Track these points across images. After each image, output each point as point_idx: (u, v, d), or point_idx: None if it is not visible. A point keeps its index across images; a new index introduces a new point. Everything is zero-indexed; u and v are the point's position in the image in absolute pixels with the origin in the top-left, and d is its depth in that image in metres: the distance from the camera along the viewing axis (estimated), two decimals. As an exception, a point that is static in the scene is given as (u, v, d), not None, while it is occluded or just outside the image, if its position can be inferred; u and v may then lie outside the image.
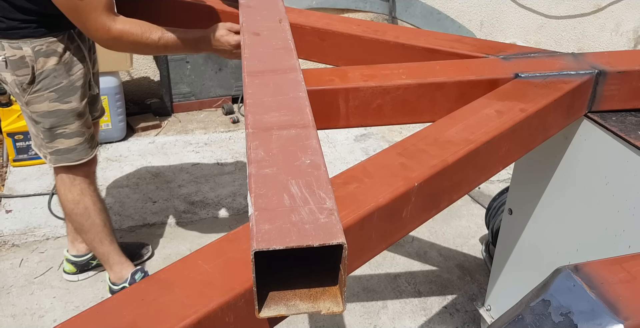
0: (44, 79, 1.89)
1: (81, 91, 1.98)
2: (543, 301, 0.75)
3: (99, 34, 1.62)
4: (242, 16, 1.39)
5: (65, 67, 1.91)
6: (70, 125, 1.98)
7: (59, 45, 1.88)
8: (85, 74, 1.99)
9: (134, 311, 0.71)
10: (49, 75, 1.89)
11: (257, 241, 0.66)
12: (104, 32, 1.60)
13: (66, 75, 1.92)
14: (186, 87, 3.91)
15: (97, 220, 2.19)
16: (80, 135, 2.02)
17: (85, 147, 2.06)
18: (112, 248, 2.29)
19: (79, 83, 1.97)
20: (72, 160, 2.05)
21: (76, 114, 1.98)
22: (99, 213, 2.18)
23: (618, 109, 1.42)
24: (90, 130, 2.09)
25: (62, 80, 1.91)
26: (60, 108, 1.95)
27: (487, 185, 3.16)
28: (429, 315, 2.31)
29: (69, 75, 1.93)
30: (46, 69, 1.88)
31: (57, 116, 1.95)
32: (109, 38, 1.62)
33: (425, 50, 1.53)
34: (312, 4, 4.01)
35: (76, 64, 1.95)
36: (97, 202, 2.18)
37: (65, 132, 1.99)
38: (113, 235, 2.29)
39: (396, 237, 1.00)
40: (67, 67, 1.92)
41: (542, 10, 4.55)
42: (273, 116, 0.94)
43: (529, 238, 1.73)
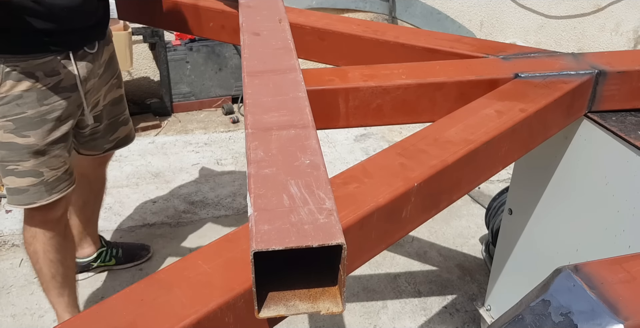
0: (3, 105, 1.56)
1: (50, 125, 1.63)
2: (543, 301, 0.75)
3: None
4: (242, 16, 1.39)
5: (39, 95, 1.58)
6: (23, 163, 1.64)
7: (40, 68, 1.56)
8: (67, 106, 1.66)
9: (133, 311, 0.71)
10: (11, 102, 1.57)
11: (256, 241, 0.66)
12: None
13: (35, 104, 1.58)
14: (186, 87, 3.91)
15: (45, 270, 1.89)
16: (36, 175, 1.67)
17: (41, 190, 1.70)
18: (59, 302, 1.98)
19: (51, 115, 1.62)
20: (22, 203, 1.71)
21: (33, 152, 1.64)
22: (49, 264, 1.88)
23: (618, 109, 1.41)
24: (55, 173, 1.71)
25: (26, 109, 1.58)
26: (14, 141, 1.61)
27: (487, 185, 3.16)
28: (429, 315, 2.31)
29: (40, 105, 1.59)
30: (10, 95, 1.56)
31: (9, 150, 1.62)
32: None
33: (425, 50, 1.53)
34: (312, 4, 4.01)
35: (57, 93, 1.61)
36: (50, 252, 1.86)
37: (17, 170, 1.65)
38: (65, 289, 1.97)
39: (396, 237, 1.00)
40: (41, 95, 1.58)
41: (542, 10, 4.55)
42: (273, 116, 0.93)
43: (529, 238, 1.73)
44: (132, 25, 3.49)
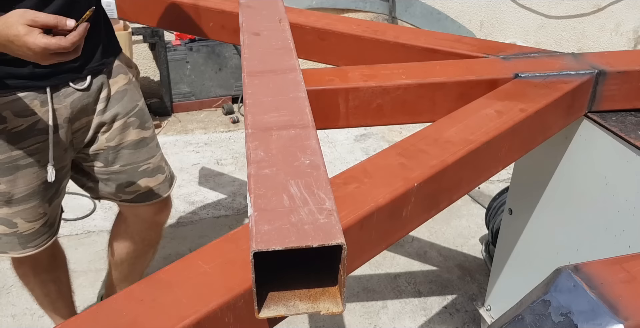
0: None
1: (25, 172, 1.40)
2: (543, 301, 0.75)
3: None
4: (242, 16, 1.39)
5: (9, 138, 1.34)
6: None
7: (8, 108, 1.32)
8: (43, 150, 1.40)
9: (133, 311, 0.71)
10: None
11: (256, 242, 0.66)
12: None
13: (5, 148, 1.36)
14: (186, 87, 3.91)
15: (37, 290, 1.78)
16: (8, 225, 1.46)
17: (14, 241, 1.48)
18: (55, 316, 1.92)
19: (26, 161, 1.38)
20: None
21: (4, 201, 1.42)
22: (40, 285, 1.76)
23: (618, 109, 1.41)
24: (32, 225, 1.49)
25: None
26: None
27: (487, 185, 3.16)
28: (429, 315, 2.31)
29: (12, 149, 1.36)
30: None
31: None
32: None
33: (425, 50, 1.53)
34: (312, 4, 4.01)
35: (32, 135, 1.37)
36: (42, 273, 1.73)
37: None
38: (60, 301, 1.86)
39: (396, 237, 1.00)
40: (11, 138, 1.35)
41: (542, 10, 4.55)
42: (273, 116, 0.93)
43: (529, 238, 1.73)
44: (132, 25, 3.49)
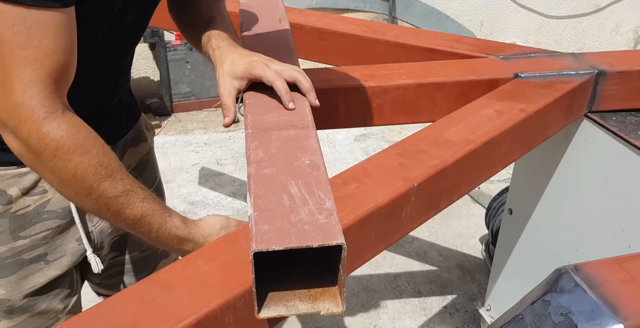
0: None
1: (30, 269, 1.09)
2: (543, 301, 0.75)
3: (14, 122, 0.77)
4: (242, 16, 1.39)
5: (13, 223, 1.04)
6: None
7: (15, 184, 1.02)
8: (58, 240, 1.10)
9: (133, 311, 0.71)
10: None
11: (256, 242, 0.66)
12: (27, 118, 0.76)
13: (7, 237, 1.05)
14: (186, 87, 3.91)
15: None
16: None
17: None
18: None
19: (30, 254, 1.07)
20: None
21: (3, 310, 1.10)
22: None
23: (618, 109, 1.41)
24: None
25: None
26: None
27: (487, 185, 3.16)
28: (429, 315, 2.31)
29: (15, 237, 1.05)
30: None
31: None
32: (31, 139, 0.77)
33: (425, 50, 1.53)
34: (312, 4, 4.01)
35: (41, 219, 1.07)
36: None
37: None
38: None
39: (396, 237, 1.00)
40: (15, 223, 1.04)
41: (542, 10, 4.55)
42: (272, 116, 0.93)
43: (529, 238, 1.73)
44: (132, 25, 3.49)
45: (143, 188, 0.86)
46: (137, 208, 0.84)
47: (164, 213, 0.88)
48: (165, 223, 0.87)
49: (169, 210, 0.89)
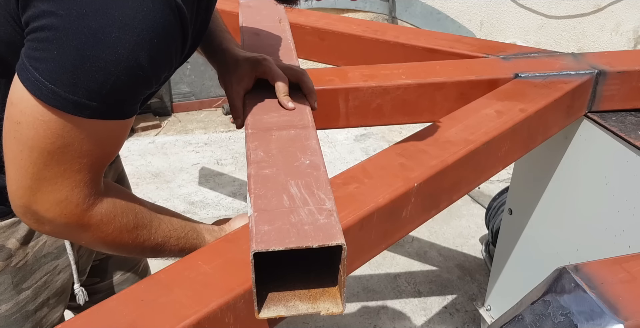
0: None
1: (37, 320, 1.06)
2: (543, 301, 0.75)
3: (54, 214, 0.77)
4: (242, 16, 1.39)
5: (15, 276, 1.00)
6: None
7: (13, 235, 0.97)
8: (57, 281, 1.07)
9: (133, 311, 0.71)
10: None
11: (256, 242, 0.66)
12: (68, 212, 0.77)
13: (11, 292, 1.00)
14: (186, 87, 3.91)
15: None
16: None
17: None
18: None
19: (35, 303, 1.04)
20: None
21: None
22: None
23: (618, 109, 1.41)
24: None
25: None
26: None
27: (487, 185, 3.16)
28: (429, 315, 2.31)
29: (18, 291, 1.01)
30: None
31: None
32: (70, 223, 0.79)
33: (425, 50, 1.53)
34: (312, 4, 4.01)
35: (41, 265, 1.03)
36: None
37: None
38: None
39: (396, 237, 1.00)
40: (18, 276, 1.00)
41: (542, 10, 4.54)
42: (272, 116, 0.93)
43: (529, 238, 1.73)
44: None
45: (175, 228, 0.90)
46: (175, 247, 0.90)
47: (198, 242, 0.92)
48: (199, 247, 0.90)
49: (202, 237, 0.93)
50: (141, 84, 0.74)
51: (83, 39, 0.66)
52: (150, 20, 0.69)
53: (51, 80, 0.67)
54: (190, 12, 0.77)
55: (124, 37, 0.67)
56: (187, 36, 0.77)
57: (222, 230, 0.96)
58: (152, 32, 0.69)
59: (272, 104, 0.97)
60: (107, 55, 0.67)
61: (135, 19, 0.67)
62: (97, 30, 0.66)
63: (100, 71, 0.68)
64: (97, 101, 0.70)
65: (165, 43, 0.72)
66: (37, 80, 0.67)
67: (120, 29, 0.67)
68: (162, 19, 0.70)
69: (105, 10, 0.66)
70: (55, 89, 0.68)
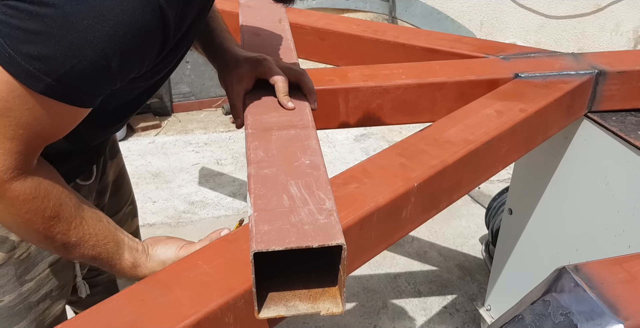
0: None
1: (40, 311, 1.07)
2: (543, 301, 0.75)
3: None
4: (242, 16, 1.39)
5: (18, 268, 1.01)
6: None
7: None
8: (59, 273, 1.08)
9: (134, 311, 0.71)
10: None
11: (256, 242, 0.66)
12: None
13: (14, 284, 1.02)
14: (186, 87, 3.91)
15: None
16: None
17: None
18: None
19: (38, 295, 1.05)
20: None
21: None
22: None
23: (618, 109, 1.41)
24: None
25: (1, 297, 1.02)
26: None
27: (487, 185, 3.16)
28: (429, 315, 2.31)
29: (22, 282, 1.03)
30: None
31: None
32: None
33: (425, 50, 1.53)
34: (312, 4, 4.01)
35: (43, 257, 1.04)
36: None
37: None
38: None
39: (396, 237, 1.00)
40: (21, 267, 1.02)
41: (542, 10, 4.54)
42: (272, 116, 0.93)
43: (529, 238, 1.73)
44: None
45: (96, 233, 0.86)
46: (88, 253, 0.86)
47: (115, 257, 0.88)
48: (115, 265, 0.89)
49: (121, 253, 0.89)
50: (103, 77, 0.72)
51: (54, 18, 0.66)
52: (128, 16, 0.68)
53: (11, 45, 0.67)
54: (176, 16, 0.76)
55: (96, 26, 0.67)
56: (167, 41, 0.76)
57: (144, 252, 0.91)
58: (128, 28, 0.69)
59: (272, 104, 0.97)
60: (74, 38, 0.67)
61: (113, 11, 0.67)
62: (70, 14, 0.66)
63: (64, 51, 0.67)
64: (52, 78, 0.69)
65: (140, 41, 0.71)
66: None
67: (95, 18, 0.66)
68: (140, 17, 0.69)
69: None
70: (12, 54, 0.67)
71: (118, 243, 0.89)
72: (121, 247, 0.89)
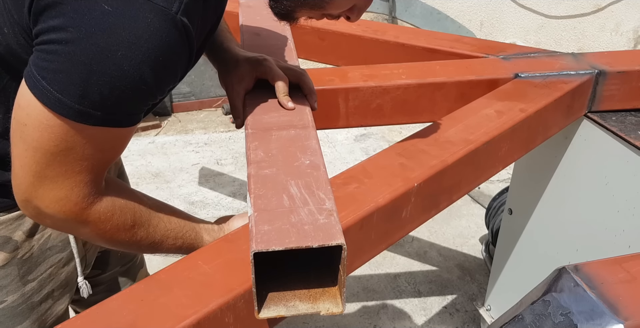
0: None
1: (42, 311, 1.07)
2: (543, 301, 0.75)
3: (53, 210, 0.80)
4: (242, 16, 1.39)
5: (21, 268, 1.02)
6: None
7: (19, 227, 0.99)
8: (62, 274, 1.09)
9: (133, 311, 0.71)
10: None
11: (256, 242, 0.66)
12: (67, 210, 0.80)
13: (17, 284, 1.02)
14: (186, 87, 3.91)
15: None
16: None
17: None
18: None
19: (40, 295, 1.06)
20: None
21: None
22: None
23: (618, 109, 1.41)
24: None
25: (4, 296, 1.01)
26: None
27: (487, 185, 3.16)
28: (429, 315, 2.31)
29: (24, 282, 1.03)
30: None
31: None
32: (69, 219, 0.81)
33: (425, 50, 1.53)
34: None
35: (46, 257, 1.05)
36: None
37: None
38: None
39: (396, 237, 1.00)
40: (24, 268, 1.02)
41: (542, 10, 4.54)
42: (272, 116, 0.93)
43: (529, 238, 1.73)
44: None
45: (173, 228, 0.91)
46: (173, 245, 0.92)
47: (196, 242, 0.93)
48: (198, 248, 0.91)
49: (200, 237, 0.94)
50: (145, 97, 0.78)
51: (91, 55, 0.69)
52: (157, 40, 0.72)
53: (58, 90, 0.71)
54: (196, 28, 0.79)
55: (129, 55, 0.70)
56: (192, 52, 0.80)
57: (221, 230, 0.97)
58: (158, 51, 0.72)
59: (272, 104, 0.97)
60: (113, 71, 0.70)
61: (142, 38, 0.70)
62: (105, 48, 0.69)
63: (106, 85, 0.71)
64: (101, 111, 0.73)
65: (171, 60, 0.75)
66: (44, 88, 0.71)
67: (127, 48, 0.70)
68: (167, 38, 0.72)
69: (113, 30, 0.69)
70: (61, 98, 0.71)
71: (195, 230, 0.93)
72: (199, 232, 0.94)
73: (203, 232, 0.95)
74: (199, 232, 0.94)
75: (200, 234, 0.94)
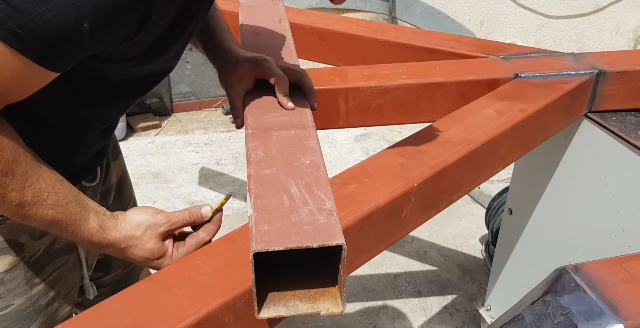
0: None
1: (48, 314, 1.06)
2: (543, 301, 0.75)
3: None
4: (242, 16, 1.39)
5: (28, 271, 1.00)
6: None
7: (25, 230, 0.97)
8: (67, 276, 1.07)
9: (133, 311, 0.71)
10: None
11: (256, 242, 0.66)
12: None
13: (24, 287, 1.00)
14: (186, 87, 3.91)
15: None
16: None
17: None
18: None
19: (47, 297, 1.04)
20: None
21: None
22: None
23: (618, 109, 1.41)
24: None
25: (11, 300, 0.99)
26: None
27: (487, 185, 3.16)
28: (429, 315, 2.31)
29: (31, 286, 1.01)
30: None
31: None
32: None
33: (425, 50, 1.53)
34: (312, 3, 4.01)
35: (52, 260, 1.03)
36: None
37: None
38: None
39: (396, 237, 1.00)
40: (30, 271, 1.00)
41: (542, 10, 4.54)
42: (272, 116, 0.93)
43: (529, 238, 1.73)
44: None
45: (55, 191, 0.80)
46: (47, 213, 0.80)
47: (78, 218, 0.82)
48: (79, 228, 0.83)
49: (86, 215, 0.83)
50: (72, 35, 0.68)
51: None
52: None
53: None
54: None
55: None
56: (149, 15, 0.73)
57: (113, 217, 0.85)
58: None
59: (272, 104, 0.97)
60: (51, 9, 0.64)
61: None
62: None
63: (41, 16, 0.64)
64: (17, 24, 0.65)
65: (117, 6, 0.68)
66: None
67: None
68: None
69: None
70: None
71: (81, 204, 0.82)
72: (85, 208, 0.83)
73: (90, 210, 0.83)
74: (85, 208, 0.82)
75: (86, 211, 0.82)
